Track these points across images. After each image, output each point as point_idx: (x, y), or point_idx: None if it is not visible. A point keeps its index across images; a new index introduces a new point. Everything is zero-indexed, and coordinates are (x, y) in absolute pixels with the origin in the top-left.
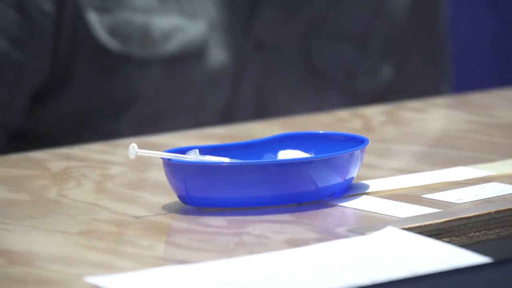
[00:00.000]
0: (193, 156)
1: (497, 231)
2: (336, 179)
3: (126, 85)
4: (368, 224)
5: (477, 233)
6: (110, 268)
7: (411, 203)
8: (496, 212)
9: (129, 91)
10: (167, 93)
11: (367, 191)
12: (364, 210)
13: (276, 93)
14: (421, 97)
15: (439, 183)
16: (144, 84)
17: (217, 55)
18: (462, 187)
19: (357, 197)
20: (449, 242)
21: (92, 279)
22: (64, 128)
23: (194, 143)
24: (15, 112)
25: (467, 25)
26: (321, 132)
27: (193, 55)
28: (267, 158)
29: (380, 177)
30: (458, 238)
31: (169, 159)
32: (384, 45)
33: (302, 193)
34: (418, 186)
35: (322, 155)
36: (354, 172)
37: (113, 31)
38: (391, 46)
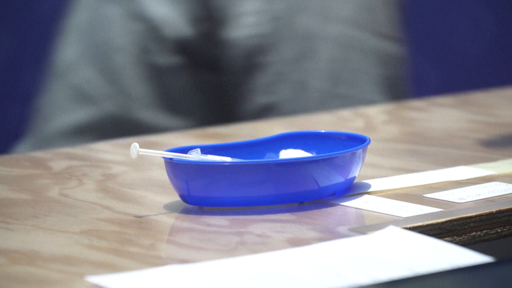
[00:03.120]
0: (195, 156)
1: (499, 230)
2: (338, 179)
3: None
4: (369, 223)
5: (479, 233)
6: (111, 268)
7: (413, 203)
8: (498, 211)
9: None
10: None
11: (368, 191)
12: (366, 210)
13: None
14: None
15: (440, 182)
16: None
17: None
18: (463, 186)
19: (359, 197)
20: (450, 241)
21: (93, 279)
22: None
23: (195, 143)
24: None
25: (467, 25)
26: (322, 131)
27: None
28: (268, 158)
29: (382, 176)
30: (460, 238)
31: (170, 159)
32: None
33: (303, 192)
34: (420, 186)
35: (324, 154)
36: (355, 172)
37: None
38: None
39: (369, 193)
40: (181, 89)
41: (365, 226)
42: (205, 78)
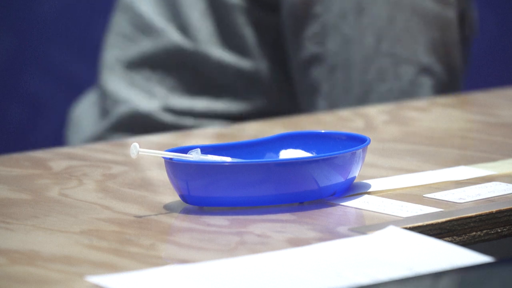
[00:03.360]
0: (195, 156)
1: (499, 230)
2: (338, 179)
3: None
4: (369, 223)
5: (479, 233)
6: (111, 268)
7: (413, 203)
8: (498, 211)
9: None
10: None
11: (368, 191)
12: (366, 210)
13: None
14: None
15: (440, 182)
16: None
17: None
18: (463, 186)
19: (359, 197)
20: (450, 241)
21: (93, 279)
22: None
23: (195, 143)
24: None
25: None
26: (322, 131)
27: None
28: (268, 158)
29: (382, 176)
30: (460, 238)
31: (170, 159)
32: None
33: (303, 192)
34: (420, 186)
35: (324, 154)
36: (355, 172)
37: None
38: None
39: (369, 193)
40: (241, 28)
41: (365, 226)
42: (264, 20)
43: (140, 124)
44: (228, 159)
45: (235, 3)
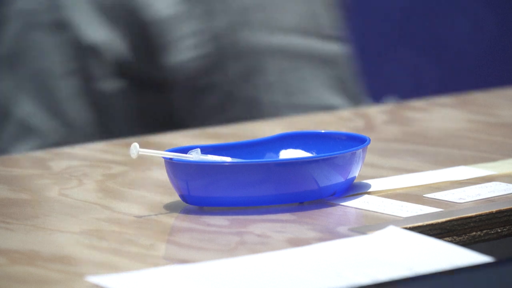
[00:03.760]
0: (195, 156)
1: (499, 230)
2: (338, 179)
3: None
4: (369, 223)
5: (479, 233)
6: (111, 268)
7: (413, 203)
8: (498, 211)
9: None
10: None
11: (368, 191)
12: (366, 210)
13: None
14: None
15: (440, 182)
16: None
17: None
18: (463, 186)
19: (359, 197)
20: (450, 241)
21: (93, 279)
22: None
23: (195, 143)
24: None
25: (467, 25)
26: (322, 131)
27: None
28: (268, 158)
29: (382, 176)
30: (460, 238)
31: (170, 159)
32: None
33: (303, 192)
34: (420, 186)
35: (324, 154)
36: (355, 172)
37: None
38: None
39: (369, 193)
40: (125, 114)
41: (365, 226)
42: (151, 101)
43: None
44: (228, 159)
45: (114, 91)
